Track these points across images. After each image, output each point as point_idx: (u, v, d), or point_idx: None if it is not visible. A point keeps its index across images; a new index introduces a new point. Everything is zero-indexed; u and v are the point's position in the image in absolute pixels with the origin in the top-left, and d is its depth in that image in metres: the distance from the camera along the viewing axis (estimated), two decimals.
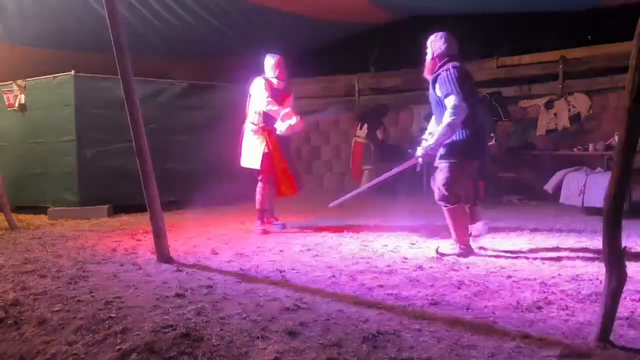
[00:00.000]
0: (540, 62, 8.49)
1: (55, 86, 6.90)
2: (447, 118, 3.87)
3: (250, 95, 5.44)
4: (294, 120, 5.20)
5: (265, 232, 5.34)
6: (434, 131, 4.09)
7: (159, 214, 4.03)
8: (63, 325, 2.68)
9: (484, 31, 9.30)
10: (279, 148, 5.33)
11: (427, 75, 4.21)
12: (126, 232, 5.50)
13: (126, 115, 3.94)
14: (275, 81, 5.33)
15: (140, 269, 3.82)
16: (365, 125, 8.26)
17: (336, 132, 9.96)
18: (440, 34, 4.12)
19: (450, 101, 3.87)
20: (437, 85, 4.02)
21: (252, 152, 5.34)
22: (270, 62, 5.37)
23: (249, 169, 5.46)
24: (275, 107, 5.20)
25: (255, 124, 5.37)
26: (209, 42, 8.74)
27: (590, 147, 6.59)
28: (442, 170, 4.06)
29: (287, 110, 5.22)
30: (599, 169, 6.28)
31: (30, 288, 3.34)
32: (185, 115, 7.51)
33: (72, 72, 6.70)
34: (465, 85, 3.95)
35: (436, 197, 4.12)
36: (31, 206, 7.10)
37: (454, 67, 3.95)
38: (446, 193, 4.01)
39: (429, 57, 4.16)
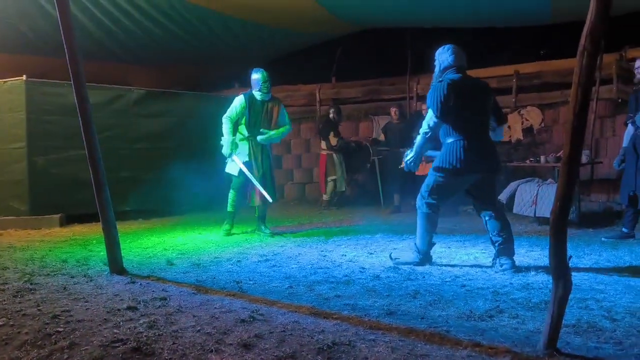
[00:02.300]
0: (495, 76, 8.75)
1: (5, 91, 6.63)
2: (423, 128, 3.95)
3: None
4: (232, 157, 5.61)
5: (228, 233, 5.74)
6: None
7: (112, 223, 3.92)
8: (7, 340, 2.56)
9: (441, 45, 9.55)
10: (259, 159, 5.66)
11: None
12: (78, 243, 5.34)
13: (79, 122, 3.83)
14: (259, 95, 5.63)
15: (91, 280, 3.71)
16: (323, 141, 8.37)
17: (297, 142, 9.97)
18: (447, 46, 4.01)
19: (428, 114, 3.92)
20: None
21: (233, 160, 5.66)
22: (252, 77, 5.69)
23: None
24: (224, 130, 5.59)
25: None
26: (169, 49, 8.62)
27: (542, 159, 6.80)
28: (429, 177, 4.06)
29: (228, 139, 5.56)
30: (550, 180, 6.49)
31: None
32: (142, 122, 7.37)
33: (24, 77, 6.48)
34: (463, 99, 3.83)
35: (417, 198, 4.16)
36: None
37: (446, 80, 3.86)
38: (424, 199, 4.06)
39: (436, 70, 4.04)
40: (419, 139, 4.00)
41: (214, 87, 9.75)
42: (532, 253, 4.56)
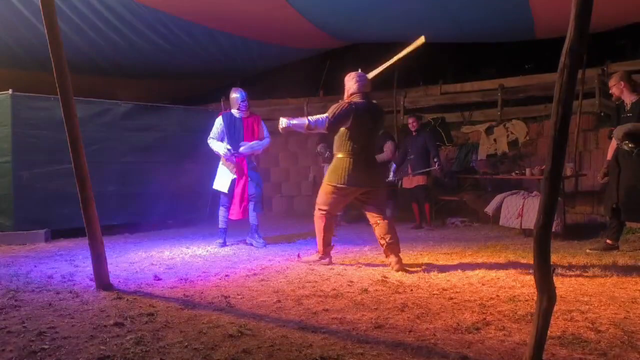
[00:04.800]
0: (481, 89, 8.88)
1: None
2: (312, 117, 4.47)
3: None
4: (229, 165, 5.88)
5: (222, 244, 5.94)
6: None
7: (98, 238, 3.89)
8: None
9: (428, 59, 9.68)
10: (245, 175, 5.87)
11: None
12: (64, 258, 5.28)
13: (66, 136, 3.81)
14: (237, 113, 5.93)
15: (77, 296, 3.67)
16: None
17: (285, 155, 9.99)
18: (353, 73, 4.64)
19: (324, 114, 4.45)
20: None
21: (222, 177, 5.92)
22: (231, 95, 6.02)
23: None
24: (213, 145, 5.90)
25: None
26: (157, 63, 8.63)
27: (527, 171, 6.89)
28: (322, 187, 4.67)
29: (222, 148, 5.82)
30: (535, 192, 6.57)
31: None
32: (130, 136, 7.33)
33: (10, 91, 6.44)
34: (359, 120, 4.42)
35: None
36: None
37: (350, 102, 4.45)
38: (317, 206, 4.66)
39: (346, 94, 4.64)
40: (300, 120, 4.50)
41: (201, 101, 9.77)
42: (519, 265, 4.60)
